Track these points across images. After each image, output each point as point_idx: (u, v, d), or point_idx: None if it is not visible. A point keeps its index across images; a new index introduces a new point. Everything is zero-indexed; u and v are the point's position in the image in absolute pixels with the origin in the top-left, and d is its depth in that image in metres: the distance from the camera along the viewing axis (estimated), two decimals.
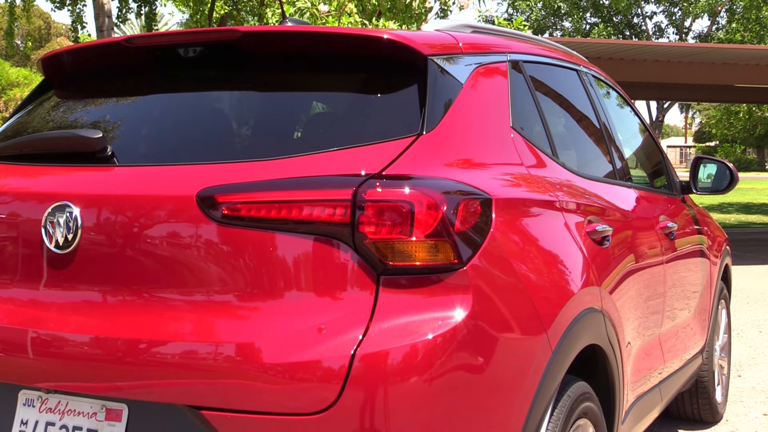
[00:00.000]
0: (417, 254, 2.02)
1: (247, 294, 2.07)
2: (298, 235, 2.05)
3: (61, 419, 2.22)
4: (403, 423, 1.94)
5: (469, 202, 2.13)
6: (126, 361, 2.10)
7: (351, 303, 2.01)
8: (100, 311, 2.20)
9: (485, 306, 2.08)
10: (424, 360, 1.95)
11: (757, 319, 8.06)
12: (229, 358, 2.01)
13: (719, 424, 4.84)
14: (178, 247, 2.14)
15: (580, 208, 2.81)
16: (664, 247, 3.65)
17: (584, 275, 2.62)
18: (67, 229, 2.23)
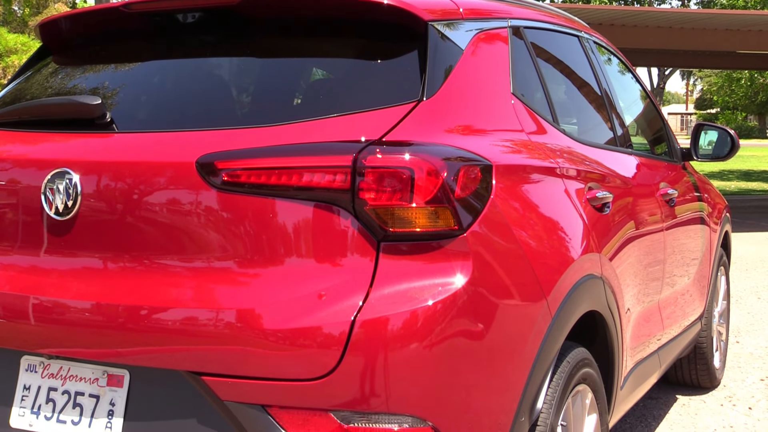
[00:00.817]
0: (417, 220, 2.02)
1: (248, 260, 2.08)
2: (298, 201, 2.05)
3: (64, 384, 2.23)
4: (404, 388, 1.95)
5: (469, 169, 2.13)
6: (127, 327, 2.11)
7: (351, 269, 2.01)
8: (100, 278, 2.20)
9: (485, 272, 2.08)
10: (424, 326, 1.96)
11: (756, 286, 8.09)
12: (229, 325, 2.01)
13: (717, 390, 4.88)
14: (177, 214, 2.14)
15: (581, 174, 2.81)
16: (664, 214, 3.66)
17: (584, 242, 2.62)
18: (67, 196, 2.23)
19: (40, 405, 2.24)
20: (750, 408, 4.54)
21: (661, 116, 4.53)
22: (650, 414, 4.46)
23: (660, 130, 4.47)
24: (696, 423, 4.32)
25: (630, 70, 4.37)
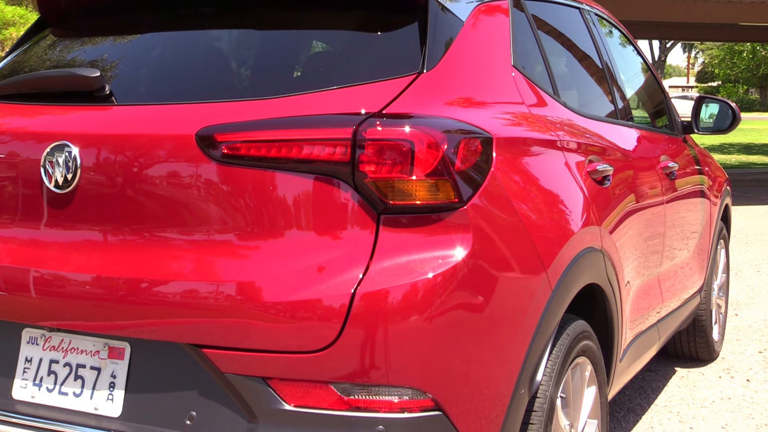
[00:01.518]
0: (417, 193, 2.02)
1: (248, 233, 2.08)
2: (298, 174, 2.05)
3: (65, 357, 2.24)
4: (404, 361, 1.96)
5: (469, 141, 2.12)
6: (127, 300, 2.11)
7: (351, 242, 2.01)
8: (101, 250, 2.20)
9: (485, 245, 2.09)
10: (424, 298, 1.96)
11: (755, 259, 8.10)
12: (229, 297, 2.02)
13: (715, 362, 4.90)
14: (177, 187, 2.14)
15: (581, 147, 2.80)
16: (664, 187, 3.65)
17: (584, 215, 2.62)
18: (67, 169, 2.23)
19: (41, 377, 2.25)
20: (748, 380, 4.57)
21: (662, 89, 4.51)
22: (649, 386, 4.49)
23: (661, 102, 4.45)
24: (694, 395, 4.34)
25: (631, 42, 4.35)
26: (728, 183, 5.15)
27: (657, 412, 4.11)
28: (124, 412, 2.14)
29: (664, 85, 4.62)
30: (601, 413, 2.75)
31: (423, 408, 1.98)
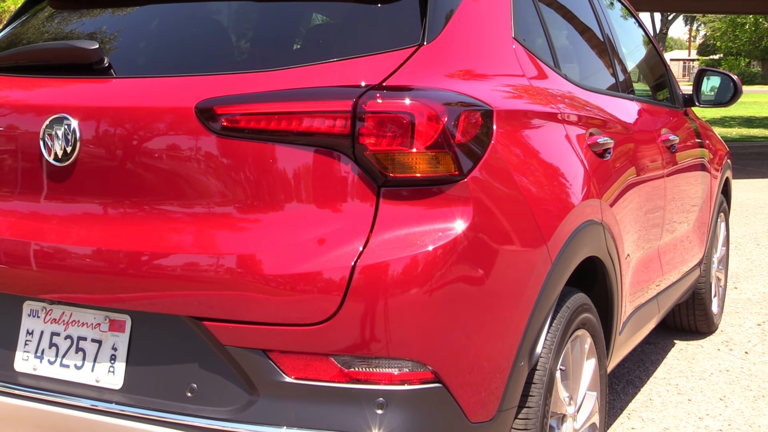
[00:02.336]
0: (417, 166, 2.01)
1: (248, 206, 2.08)
2: (298, 146, 2.04)
3: (66, 330, 2.25)
4: (404, 333, 1.96)
5: (470, 114, 2.12)
6: (128, 273, 2.12)
7: (351, 215, 2.01)
8: (101, 223, 2.20)
9: (486, 218, 2.08)
10: (424, 271, 1.96)
11: (755, 232, 8.11)
12: (230, 270, 2.02)
13: (714, 335, 4.92)
14: (177, 160, 2.14)
15: (582, 120, 2.79)
16: (665, 160, 3.65)
17: (585, 188, 2.62)
18: (66, 142, 2.22)
19: (43, 349, 2.26)
20: (746, 352, 4.59)
21: (664, 62, 4.50)
22: (648, 359, 4.51)
23: (662, 75, 4.44)
24: (693, 367, 4.36)
25: (633, 14, 4.33)
26: (729, 156, 5.14)
27: (656, 384, 4.13)
28: (125, 384, 2.15)
29: (665, 57, 4.60)
30: (601, 385, 2.76)
31: (423, 380, 1.99)
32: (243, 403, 2.03)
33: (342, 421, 1.97)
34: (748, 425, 3.61)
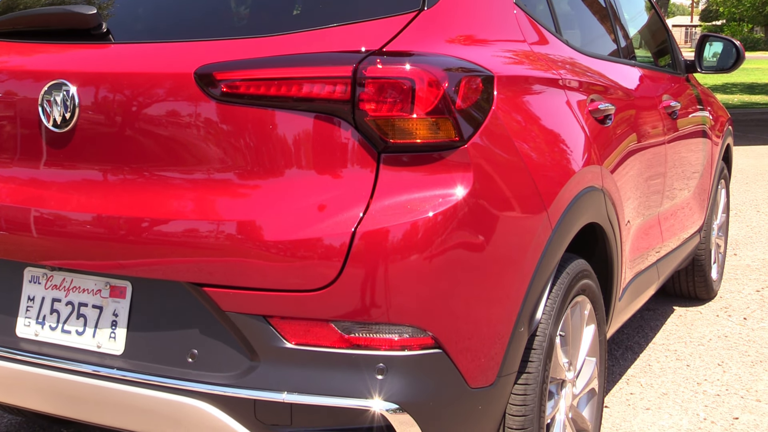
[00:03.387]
0: (418, 131, 2.00)
1: (248, 172, 2.07)
2: (297, 112, 2.03)
3: (67, 296, 2.25)
4: (404, 299, 1.97)
5: (470, 79, 2.10)
6: (128, 239, 2.12)
7: (352, 181, 2.01)
8: (101, 190, 2.20)
9: (486, 184, 2.08)
10: (424, 237, 1.97)
11: (755, 199, 8.11)
12: (230, 236, 2.02)
13: (713, 301, 4.94)
14: (177, 126, 2.13)
15: (583, 86, 2.78)
16: (666, 126, 3.63)
17: (585, 154, 2.61)
18: (65, 108, 2.21)
19: (44, 315, 2.27)
20: (745, 318, 4.61)
21: (666, 27, 4.46)
22: (647, 325, 4.53)
23: (664, 41, 4.41)
24: (691, 333, 4.38)
25: None
26: (730, 123, 5.12)
27: (655, 350, 4.15)
28: (126, 349, 2.16)
29: (667, 23, 4.57)
30: (600, 351, 2.78)
31: (423, 346, 2.00)
32: (244, 369, 2.04)
33: (342, 387, 1.98)
34: (745, 390, 3.64)
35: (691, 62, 4.42)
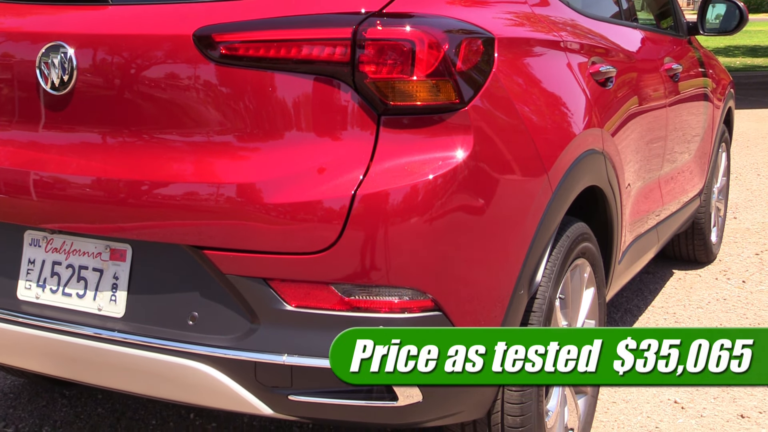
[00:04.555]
0: (418, 94, 1.99)
1: (247, 135, 2.06)
2: (297, 75, 2.02)
3: (67, 259, 2.26)
4: (404, 262, 1.97)
5: (471, 41, 2.09)
6: (128, 202, 2.12)
7: (351, 143, 2.00)
8: (100, 153, 2.20)
9: (486, 146, 2.07)
10: (424, 200, 1.96)
11: (756, 163, 8.09)
12: (230, 199, 2.02)
13: (712, 264, 4.95)
14: (176, 88, 2.12)
15: (584, 48, 2.76)
16: (667, 89, 3.62)
17: (586, 117, 2.60)
18: (62, 70, 2.20)
19: (45, 278, 2.27)
20: (743, 281, 4.62)
21: None
22: (647, 288, 4.54)
23: (666, 3, 4.37)
24: (690, 296, 4.40)
25: None
26: (732, 86, 5.09)
27: (653, 313, 4.17)
28: (127, 312, 2.17)
29: None
30: (599, 314, 2.79)
31: (423, 308, 2.00)
32: (244, 331, 2.04)
33: None
34: None
35: (694, 24, 4.38)
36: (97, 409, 3.15)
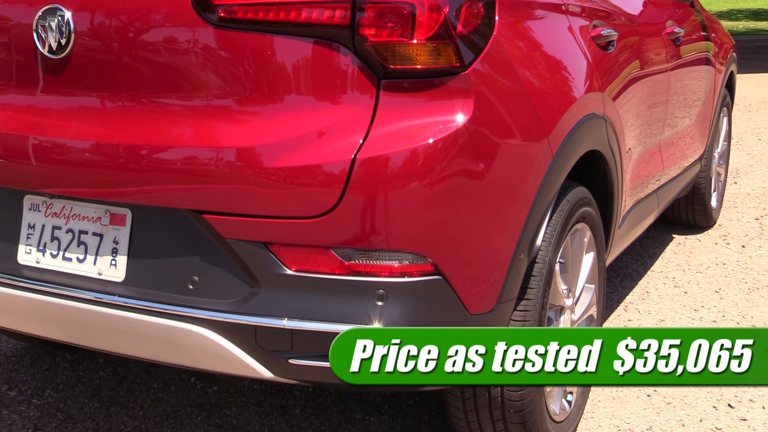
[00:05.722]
0: (418, 57, 1.98)
1: (247, 99, 2.05)
2: (296, 38, 2.01)
3: (67, 223, 2.26)
4: (404, 226, 1.97)
5: (471, 4, 2.07)
6: (127, 167, 2.11)
7: (351, 107, 1.99)
8: (99, 117, 2.19)
9: (487, 110, 2.06)
10: (424, 164, 1.96)
11: (757, 127, 8.06)
12: (229, 163, 2.01)
13: (712, 229, 4.95)
14: (174, 52, 2.10)
15: (586, 11, 2.74)
16: (669, 53, 3.59)
17: (587, 81, 2.58)
18: (60, 34, 2.18)
19: (45, 243, 2.27)
20: (743, 246, 4.63)
21: None
22: (646, 252, 4.55)
23: None
24: (690, 261, 4.41)
25: None
26: (734, 50, 5.06)
27: (653, 277, 4.18)
28: (127, 276, 2.17)
29: None
30: (599, 278, 2.79)
31: (423, 272, 2.01)
32: (244, 295, 2.05)
33: (342, 313, 2.00)
34: (741, 316, 3.67)
35: None
36: (98, 373, 3.17)
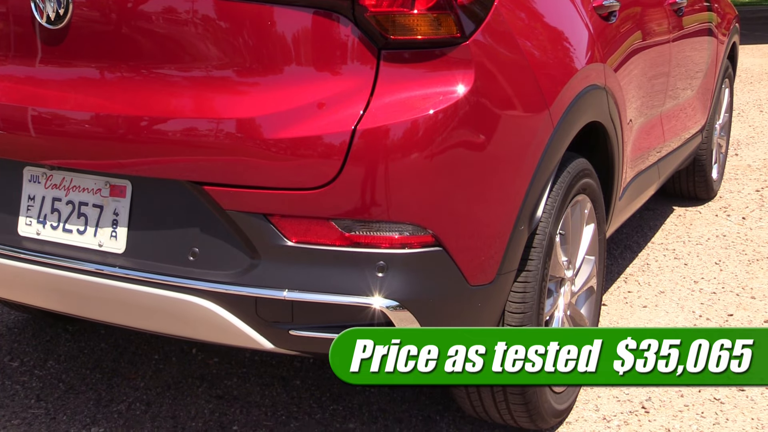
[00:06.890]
0: (418, 27, 1.97)
1: (247, 70, 2.04)
2: (296, 8, 1.99)
3: (67, 195, 2.25)
4: (404, 197, 1.97)
5: None
6: (127, 138, 2.10)
7: (352, 78, 1.98)
8: (99, 88, 2.18)
9: (487, 81, 2.05)
10: (425, 135, 1.95)
11: (759, 99, 8.03)
12: (229, 134, 2.01)
13: (713, 201, 4.95)
14: (174, 23, 2.09)
15: None
16: (671, 24, 3.57)
17: (589, 52, 2.57)
18: (58, 3, 2.16)
19: (45, 214, 2.27)
20: (743, 218, 4.63)
21: None
22: (646, 224, 4.55)
23: None
24: (690, 232, 4.41)
25: None
26: (737, 20, 5.03)
27: (653, 249, 4.18)
28: (128, 248, 2.17)
29: None
30: (599, 250, 2.79)
31: (423, 243, 2.01)
32: (244, 267, 2.05)
33: (343, 284, 2.00)
34: (741, 287, 3.68)
35: None
36: (100, 344, 3.19)
